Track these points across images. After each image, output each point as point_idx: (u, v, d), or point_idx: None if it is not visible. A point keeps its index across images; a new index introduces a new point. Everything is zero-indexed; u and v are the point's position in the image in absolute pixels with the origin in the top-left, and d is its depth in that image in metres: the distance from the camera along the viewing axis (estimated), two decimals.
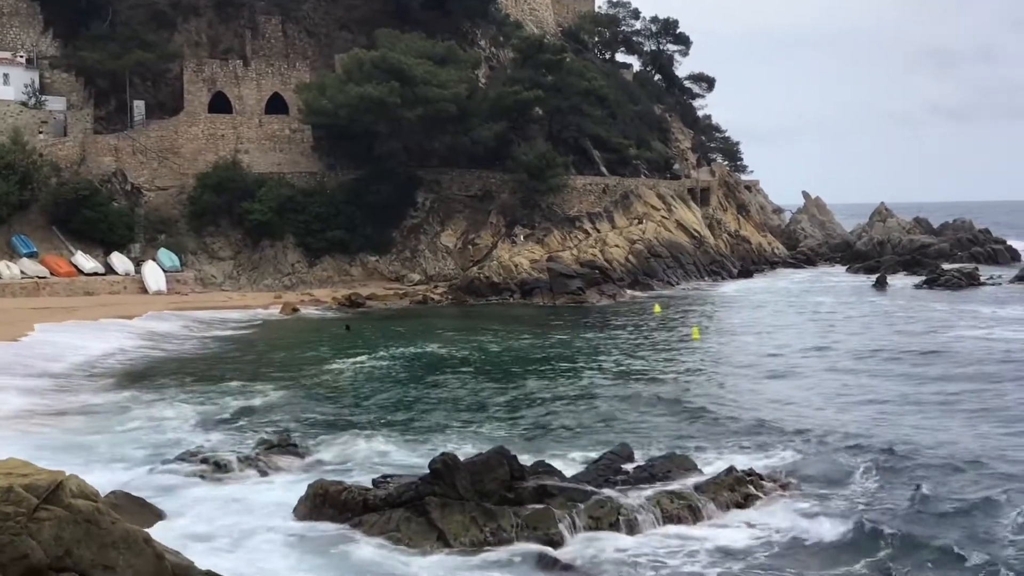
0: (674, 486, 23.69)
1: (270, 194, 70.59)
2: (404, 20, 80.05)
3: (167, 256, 66.93)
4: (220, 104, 73.23)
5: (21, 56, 69.57)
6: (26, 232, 64.76)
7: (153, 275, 64.31)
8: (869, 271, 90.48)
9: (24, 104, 68.03)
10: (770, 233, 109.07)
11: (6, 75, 68.16)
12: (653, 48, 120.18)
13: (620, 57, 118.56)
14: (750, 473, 24.72)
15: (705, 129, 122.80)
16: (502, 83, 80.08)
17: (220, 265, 69.95)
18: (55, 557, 14.40)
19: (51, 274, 62.30)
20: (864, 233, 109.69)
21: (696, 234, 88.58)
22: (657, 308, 62.57)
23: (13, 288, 59.69)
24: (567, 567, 20.12)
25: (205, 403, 35.13)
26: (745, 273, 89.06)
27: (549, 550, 20.49)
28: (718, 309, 66.71)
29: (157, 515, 22.00)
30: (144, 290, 63.50)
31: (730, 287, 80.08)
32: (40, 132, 67.71)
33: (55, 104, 69.80)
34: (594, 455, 27.29)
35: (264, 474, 26.13)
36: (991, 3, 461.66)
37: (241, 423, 32.15)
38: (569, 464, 26.52)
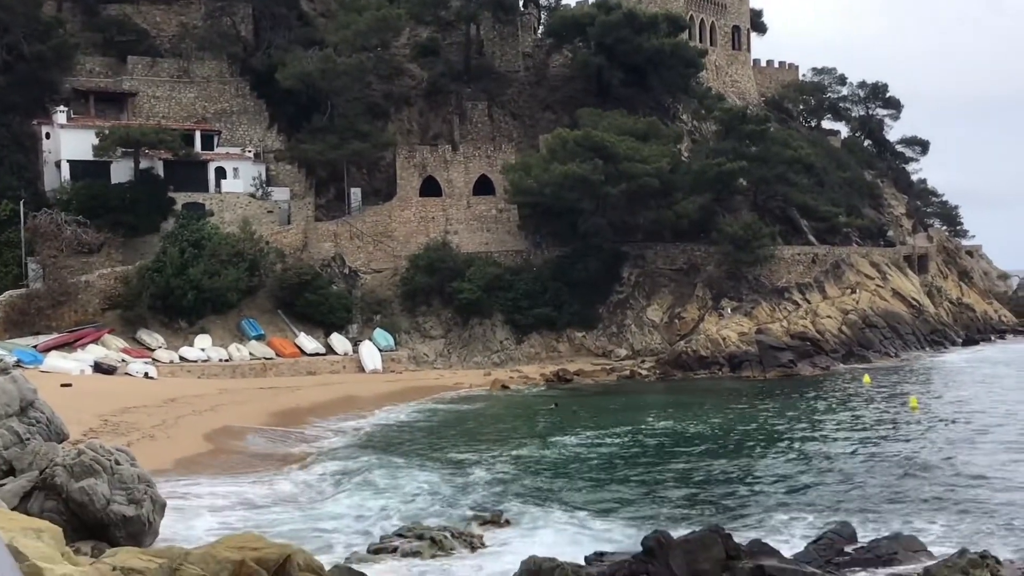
0: (901, 569, 22.50)
1: (478, 273, 72.35)
2: (606, 98, 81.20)
3: (382, 336, 69.45)
4: (430, 188, 76.00)
5: (249, 151, 74.49)
6: (254, 316, 68.57)
7: (370, 355, 66.81)
8: None
9: (252, 195, 72.57)
10: (996, 300, 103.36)
11: (236, 168, 72.91)
12: (862, 113, 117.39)
13: (827, 124, 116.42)
14: (984, 555, 23.14)
15: (920, 194, 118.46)
16: (705, 155, 79.78)
17: (432, 344, 71.93)
18: None
19: (277, 355, 65.62)
20: None
21: (915, 303, 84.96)
22: (867, 378, 60.11)
23: (243, 369, 63.18)
24: None
25: (427, 474, 35.72)
26: (970, 342, 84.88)
27: None
28: (941, 379, 63.48)
29: None
30: (361, 369, 65.99)
31: (955, 356, 76.24)
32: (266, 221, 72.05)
33: (279, 194, 74.19)
34: (812, 534, 26.31)
35: (475, 549, 26.43)
36: None
37: (455, 498, 32.63)
38: (784, 543, 25.63)
